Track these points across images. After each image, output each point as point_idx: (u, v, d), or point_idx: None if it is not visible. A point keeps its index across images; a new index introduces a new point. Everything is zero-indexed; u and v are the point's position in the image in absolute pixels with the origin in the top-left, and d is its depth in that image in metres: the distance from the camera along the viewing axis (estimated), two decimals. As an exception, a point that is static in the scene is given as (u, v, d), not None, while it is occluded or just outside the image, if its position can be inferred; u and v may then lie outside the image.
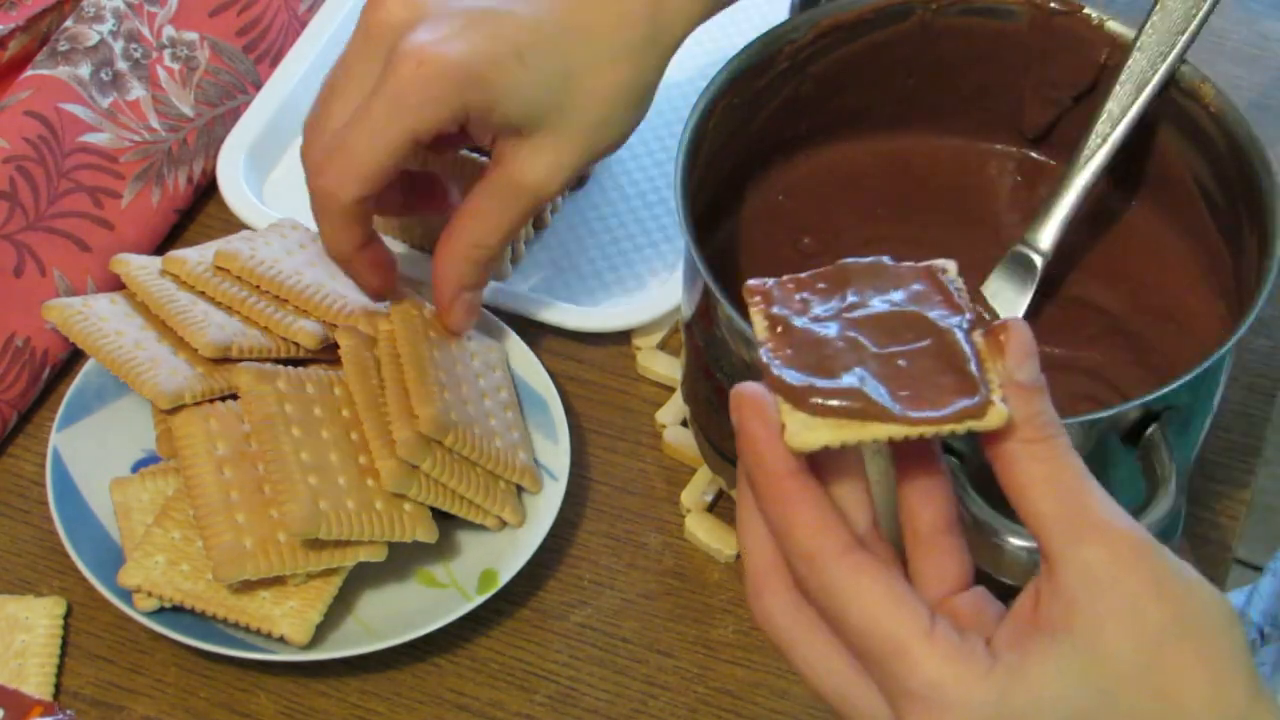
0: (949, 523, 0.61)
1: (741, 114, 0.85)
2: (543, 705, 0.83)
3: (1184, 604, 0.57)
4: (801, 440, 0.57)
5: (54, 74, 0.94)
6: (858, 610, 0.57)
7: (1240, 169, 0.80)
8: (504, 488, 0.84)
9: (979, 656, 0.57)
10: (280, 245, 0.90)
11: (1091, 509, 0.57)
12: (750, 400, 0.58)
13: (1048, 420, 0.58)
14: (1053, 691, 0.57)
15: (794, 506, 0.58)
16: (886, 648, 0.57)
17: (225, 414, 0.83)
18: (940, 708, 0.57)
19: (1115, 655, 0.57)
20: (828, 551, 0.58)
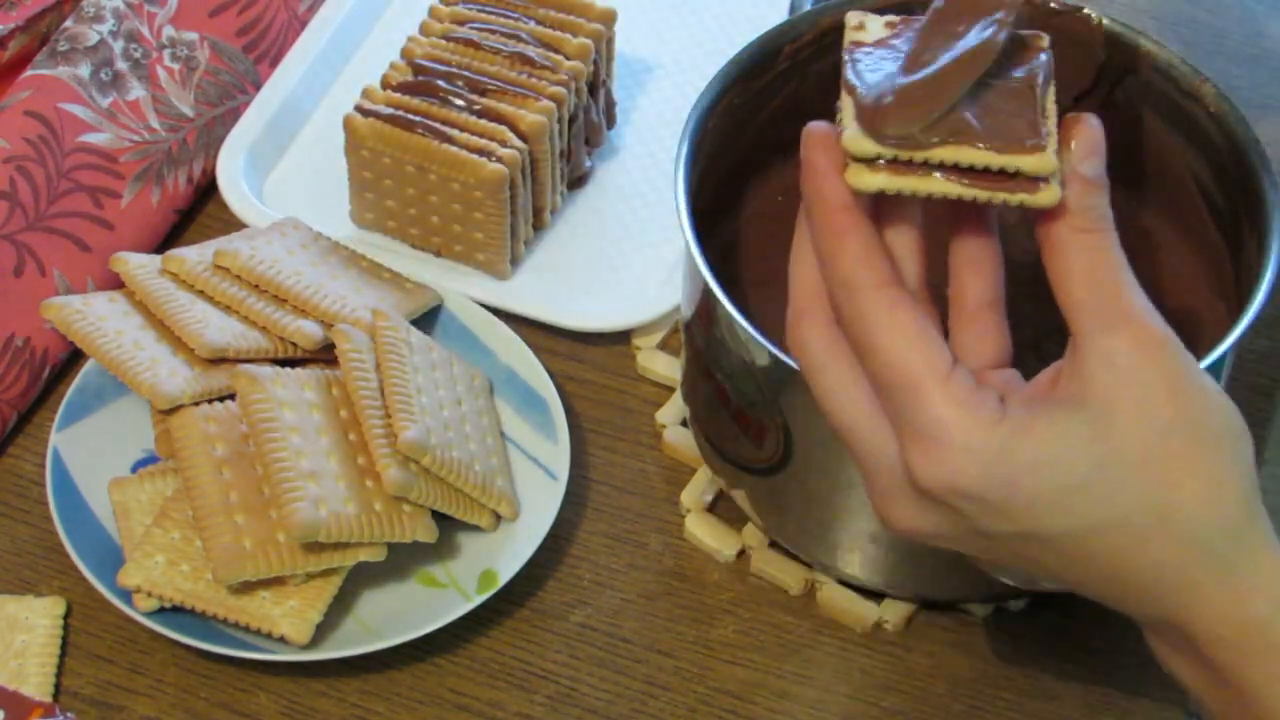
0: (994, 300, 0.63)
1: (741, 114, 0.85)
2: (543, 705, 0.83)
3: (1196, 406, 0.59)
4: (860, 180, 0.60)
5: (54, 74, 0.94)
6: (885, 341, 0.60)
7: (1240, 169, 0.80)
8: (500, 486, 0.85)
9: (989, 407, 0.59)
10: (281, 245, 0.90)
11: (1123, 300, 0.59)
12: (818, 135, 0.61)
13: (1100, 215, 0.60)
14: (1053, 454, 0.58)
15: (843, 236, 0.60)
16: (904, 381, 0.59)
17: (224, 415, 0.83)
18: (942, 446, 0.59)
19: (1121, 436, 0.58)
20: (867, 282, 0.60)
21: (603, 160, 1.01)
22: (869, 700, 0.83)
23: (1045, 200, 0.59)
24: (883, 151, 0.59)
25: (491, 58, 0.95)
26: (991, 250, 0.63)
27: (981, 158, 0.59)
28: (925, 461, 0.59)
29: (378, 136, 0.92)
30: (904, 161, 0.59)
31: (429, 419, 0.82)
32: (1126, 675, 0.83)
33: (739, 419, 0.81)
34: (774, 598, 0.86)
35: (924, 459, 0.59)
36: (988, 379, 0.62)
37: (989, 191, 0.59)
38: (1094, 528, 0.59)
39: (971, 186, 0.59)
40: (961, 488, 0.59)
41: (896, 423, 0.60)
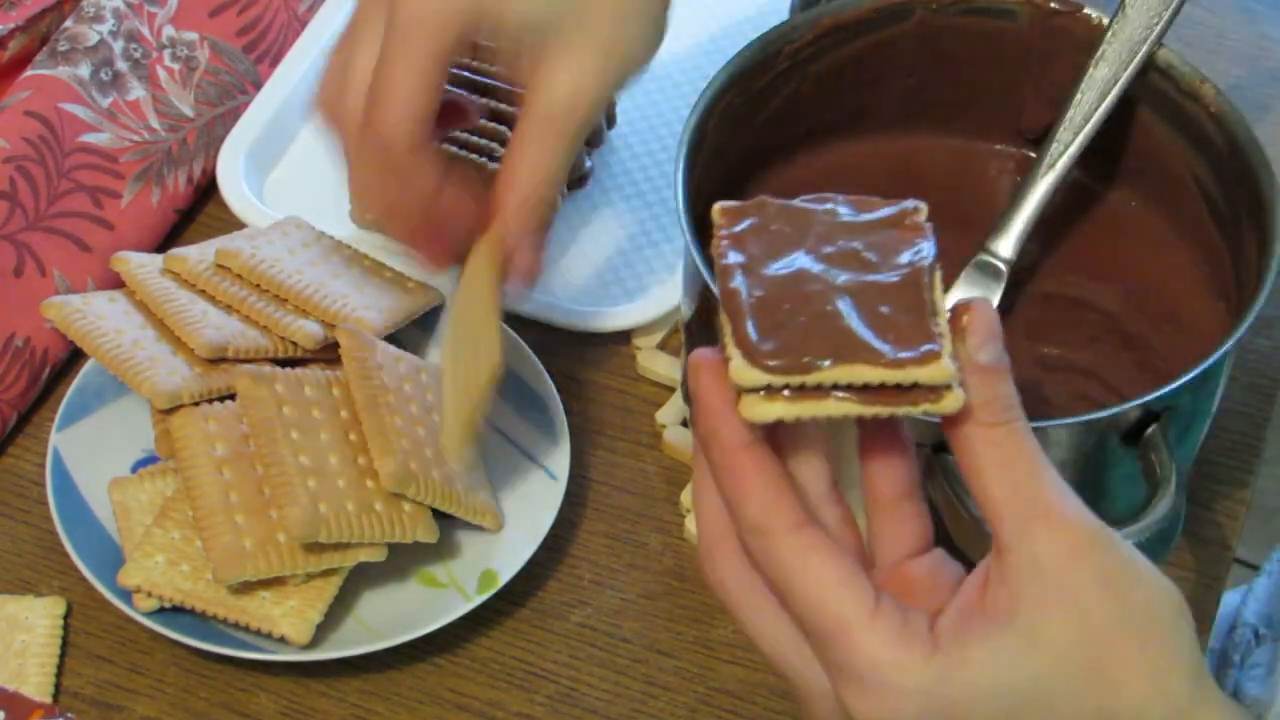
0: (908, 489, 0.62)
1: (741, 114, 0.85)
2: (543, 705, 0.83)
3: (1130, 597, 0.58)
4: (757, 413, 0.57)
5: (54, 74, 0.94)
6: (803, 587, 0.58)
7: (1240, 169, 0.80)
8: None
9: (920, 641, 0.57)
10: (282, 244, 0.90)
11: (1041, 497, 0.57)
12: (706, 366, 0.59)
13: (1006, 405, 0.58)
14: (990, 679, 0.57)
15: (746, 480, 0.58)
16: (830, 626, 0.58)
17: (224, 414, 0.83)
18: (877, 689, 0.57)
19: (1055, 645, 0.57)
20: (778, 527, 0.58)
21: (603, 160, 1.01)
22: None
23: (949, 407, 0.57)
24: (772, 380, 0.56)
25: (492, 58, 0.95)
26: (900, 449, 0.61)
27: (877, 375, 0.56)
28: (861, 704, 0.58)
29: (378, 136, 0.92)
30: (798, 387, 0.57)
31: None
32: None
33: (739, 419, 0.81)
34: (774, 598, 0.86)
35: (860, 702, 0.58)
36: (912, 572, 0.61)
37: (890, 407, 0.57)
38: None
39: (872, 404, 0.57)
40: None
41: (826, 664, 0.59)
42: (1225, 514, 0.88)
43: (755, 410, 0.57)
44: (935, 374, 0.56)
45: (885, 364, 0.56)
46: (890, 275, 0.58)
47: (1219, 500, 0.88)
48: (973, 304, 0.58)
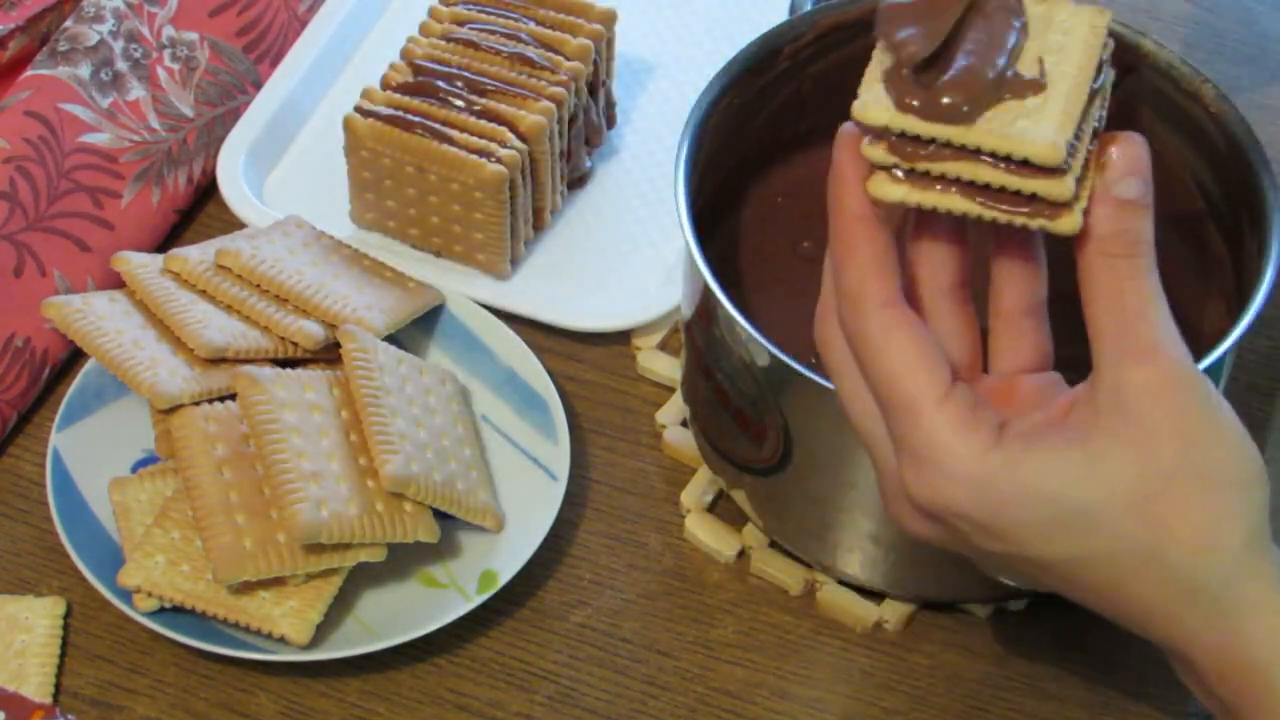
0: (1030, 306, 0.63)
1: (741, 114, 0.85)
2: (543, 705, 0.83)
3: (1204, 448, 0.58)
4: (880, 190, 0.59)
5: (54, 74, 0.94)
6: (883, 362, 0.60)
7: (1240, 169, 0.80)
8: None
9: (984, 432, 0.59)
10: (283, 244, 0.90)
11: (1145, 332, 0.58)
12: (848, 139, 0.60)
13: (1134, 239, 0.59)
14: (1043, 487, 0.58)
15: (853, 248, 0.60)
16: (900, 402, 0.59)
17: (224, 415, 0.83)
18: (930, 468, 0.59)
19: (1117, 476, 0.58)
20: (869, 299, 0.60)
21: (603, 160, 1.01)
22: (869, 700, 0.83)
23: (1064, 228, 0.58)
24: (898, 161, 0.58)
25: (491, 58, 0.95)
26: (1028, 264, 0.62)
27: (995, 177, 0.57)
28: (916, 482, 0.60)
29: (377, 137, 0.92)
30: (923, 174, 0.58)
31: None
32: (1126, 675, 0.83)
33: (739, 419, 0.81)
34: (774, 598, 0.86)
35: (915, 479, 0.60)
36: (1021, 385, 0.62)
37: (1008, 214, 0.58)
38: (1080, 559, 0.59)
39: (990, 207, 0.58)
40: (951, 509, 0.59)
41: (893, 438, 0.60)
42: (1225, 514, 0.88)
43: (880, 187, 0.59)
44: (1054, 189, 0.57)
45: (1009, 170, 0.57)
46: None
47: (1219, 500, 0.88)
48: (1120, 136, 0.59)
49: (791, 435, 0.79)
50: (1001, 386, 0.62)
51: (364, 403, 0.82)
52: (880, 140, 0.59)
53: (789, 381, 0.76)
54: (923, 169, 0.58)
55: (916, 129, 0.58)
